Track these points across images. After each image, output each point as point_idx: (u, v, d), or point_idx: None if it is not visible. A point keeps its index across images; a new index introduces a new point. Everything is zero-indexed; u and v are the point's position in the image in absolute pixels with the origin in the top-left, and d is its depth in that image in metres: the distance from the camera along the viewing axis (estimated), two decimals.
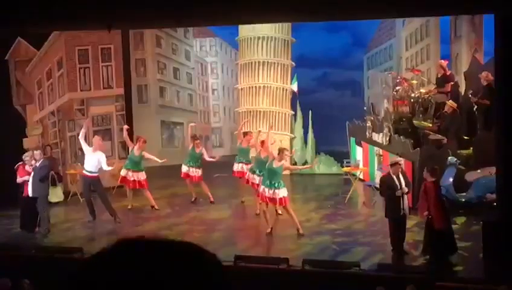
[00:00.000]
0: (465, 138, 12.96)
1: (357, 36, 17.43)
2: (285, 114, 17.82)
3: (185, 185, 14.04)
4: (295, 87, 17.59)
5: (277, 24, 17.06)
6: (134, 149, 13.16)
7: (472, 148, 12.72)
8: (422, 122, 13.30)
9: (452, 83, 13.36)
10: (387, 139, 13.75)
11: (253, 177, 12.57)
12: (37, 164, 11.79)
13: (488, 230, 9.60)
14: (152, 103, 18.55)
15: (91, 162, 12.24)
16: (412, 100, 13.84)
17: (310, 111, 17.38)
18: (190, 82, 19.33)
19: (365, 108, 16.27)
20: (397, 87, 14.27)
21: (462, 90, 13.74)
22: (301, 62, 17.57)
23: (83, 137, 12.48)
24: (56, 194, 13.79)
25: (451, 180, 12.12)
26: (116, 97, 15.86)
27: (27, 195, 11.72)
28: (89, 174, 12.26)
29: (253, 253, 10.32)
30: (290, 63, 17.71)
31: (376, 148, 14.56)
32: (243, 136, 13.70)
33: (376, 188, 13.18)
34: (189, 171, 13.61)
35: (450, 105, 12.82)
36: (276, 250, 10.67)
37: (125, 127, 13.74)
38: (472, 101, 13.01)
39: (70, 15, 9.53)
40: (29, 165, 11.95)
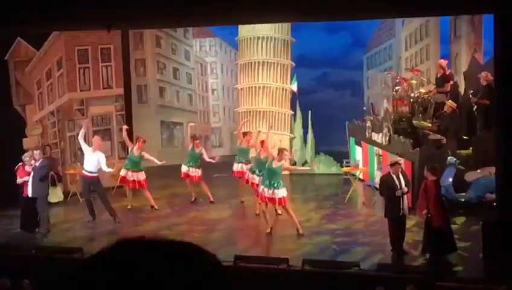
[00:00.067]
0: (464, 138, 12.96)
1: (357, 36, 17.42)
2: (284, 114, 17.81)
3: (185, 185, 14.04)
4: (295, 87, 17.58)
5: (277, 24, 17.05)
6: (133, 149, 13.16)
7: (472, 148, 12.71)
8: (421, 122, 13.29)
9: (452, 83, 13.36)
10: (386, 139, 13.75)
11: (253, 177, 12.56)
12: (37, 164, 11.78)
13: (488, 230, 9.60)
14: (152, 103, 18.54)
15: (91, 162, 12.25)
16: (412, 100, 13.84)
17: (310, 111, 17.37)
18: (190, 82, 19.31)
19: (365, 108, 16.26)
20: (397, 87, 14.28)
21: (462, 90, 13.73)
22: (301, 62, 17.56)
23: (83, 137, 12.47)
24: (56, 194, 13.78)
25: (450, 180, 12.11)
26: (115, 97, 15.86)
27: (27, 195, 11.71)
28: (89, 174, 12.26)
29: (253, 253, 10.32)
30: (290, 63, 17.70)
31: (376, 148, 14.56)
32: (243, 136, 13.69)
33: (376, 188, 13.18)
34: (189, 171, 13.61)
35: (450, 105, 12.82)
36: (276, 250, 10.67)
37: (124, 127, 13.74)
38: (472, 101, 13.01)
39: (70, 15, 9.52)
40: (28, 165, 11.94)
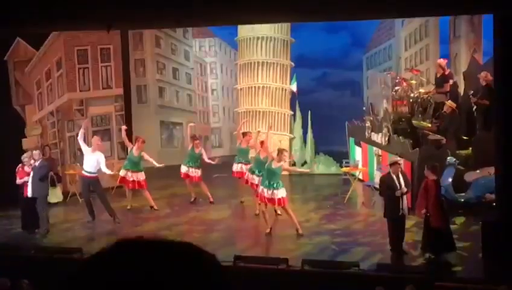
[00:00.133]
0: (464, 138, 12.95)
1: (356, 36, 17.42)
2: (284, 114, 17.81)
3: (184, 186, 14.05)
4: (294, 87, 17.58)
5: (276, 24, 17.05)
6: (133, 149, 13.16)
7: (471, 148, 12.71)
8: (421, 122, 13.28)
9: (451, 83, 13.35)
10: (386, 139, 13.75)
11: (252, 177, 12.56)
12: (36, 164, 11.77)
13: (488, 230, 9.60)
14: (151, 103, 18.53)
15: (90, 162, 12.24)
16: (411, 100, 13.83)
17: (309, 111, 17.37)
18: (189, 82, 19.30)
19: (364, 108, 16.26)
20: (396, 87, 14.27)
21: (461, 90, 13.73)
22: (300, 62, 17.56)
23: (82, 137, 12.47)
24: (55, 194, 13.77)
25: (450, 180, 12.11)
26: (115, 97, 15.86)
27: (27, 196, 11.70)
28: (88, 174, 12.26)
29: (252, 253, 10.32)
30: (289, 63, 17.70)
31: (375, 148, 14.56)
32: (242, 136, 13.69)
33: (375, 188, 13.18)
34: (188, 171, 13.61)
35: (449, 105, 12.81)
36: (275, 250, 10.67)
37: (123, 128, 13.73)
38: (472, 101, 13.00)
39: (70, 15, 9.52)
40: (28, 165, 11.93)
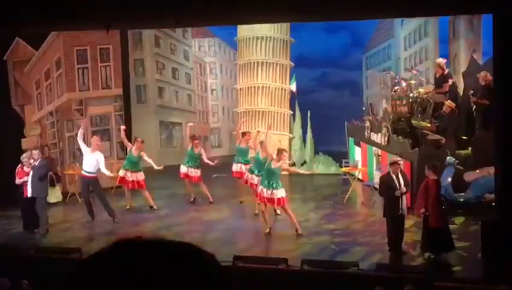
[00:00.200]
0: (463, 138, 12.96)
1: (356, 36, 17.44)
2: (283, 114, 17.82)
3: (184, 185, 14.05)
4: (294, 87, 17.58)
5: (276, 24, 17.06)
6: (132, 149, 13.15)
7: (470, 148, 12.71)
8: (420, 122, 13.28)
9: (450, 83, 13.35)
10: (385, 139, 13.75)
11: (252, 177, 12.55)
12: (36, 163, 11.77)
13: (487, 230, 9.60)
14: (151, 103, 18.53)
15: (89, 162, 12.24)
16: (411, 100, 13.83)
17: (309, 111, 17.38)
18: (189, 82, 19.31)
19: (364, 108, 16.27)
20: (396, 87, 14.27)
21: (461, 90, 13.73)
22: (300, 62, 17.57)
23: (81, 137, 12.46)
24: (54, 194, 13.76)
25: (449, 180, 12.11)
26: (114, 97, 15.86)
27: (27, 196, 11.69)
28: (88, 174, 12.26)
29: (252, 253, 10.31)
30: (289, 63, 17.71)
31: (375, 148, 14.56)
32: (242, 136, 13.68)
33: (375, 188, 13.18)
34: (188, 171, 13.60)
35: (449, 105, 12.81)
36: (275, 250, 10.67)
37: (121, 128, 13.71)
38: (471, 101, 13.01)
39: (69, 15, 9.52)
40: (27, 165, 11.92)
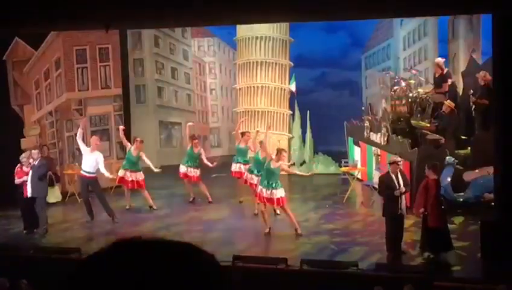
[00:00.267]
0: (463, 138, 12.96)
1: (355, 36, 17.45)
2: (283, 114, 17.82)
3: (183, 185, 14.04)
4: (293, 87, 17.58)
5: (275, 24, 17.06)
6: (131, 149, 13.14)
7: (470, 148, 12.72)
8: (420, 122, 13.29)
9: (449, 82, 13.35)
10: (385, 139, 13.76)
11: (251, 177, 12.56)
12: (35, 163, 11.76)
13: (486, 230, 9.60)
14: (150, 103, 18.53)
15: (89, 162, 12.23)
16: (410, 100, 13.84)
17: (308, 111, 17.38)
18: (188, 82, 19.31)
19: (363, 108, 16.27)
20: (395, 87, 14.27)
21: (460, 90, 13.73)
22: (299, 62, 17.57)
23: (81, 137, 12.45)
24: (54, 194, 13.76)
25: (449, 180, 12.12)
26: (114, 97, 15.86)
27: (27, 196, 11.68)
28: (87, 174, 12.25)
29: (251, 253, 10.32)
30: (288, 63, 17.71)
31: (374, 148, 14.57)
32: (241, 136, 13.68)
33: (374, 188, 13.18)
34: (187, 171, 13.60)
35: (448, 105, 12.82)
36: (274, 250, 10.67)
37: (120, 128, 13.69)
38: (471, 101, 13.01)
39: (69, 15, 9.52)
40: (26, 165, 11.91)
